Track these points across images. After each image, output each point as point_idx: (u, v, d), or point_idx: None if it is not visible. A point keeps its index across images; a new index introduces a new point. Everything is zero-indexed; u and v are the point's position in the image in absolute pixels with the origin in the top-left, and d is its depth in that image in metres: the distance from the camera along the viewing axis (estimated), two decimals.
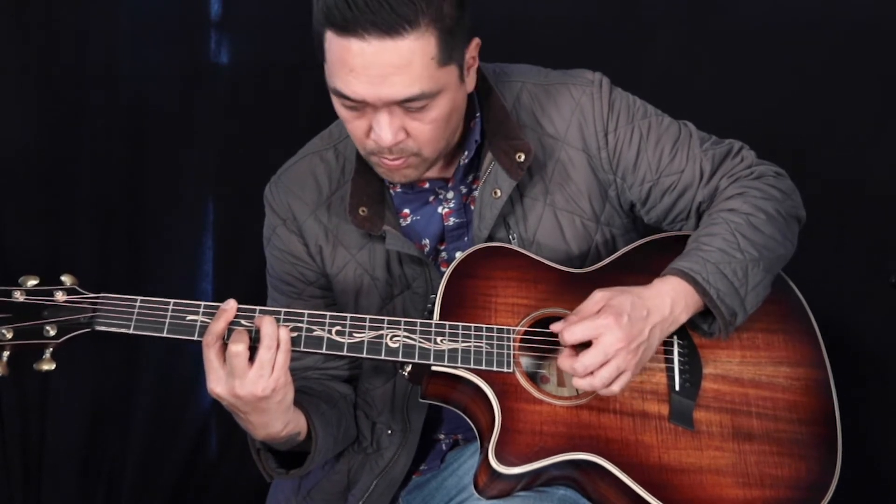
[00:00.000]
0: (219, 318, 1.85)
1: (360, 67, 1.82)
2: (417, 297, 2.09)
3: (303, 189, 2.14)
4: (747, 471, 1.94)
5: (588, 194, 2.11)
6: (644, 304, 1.89)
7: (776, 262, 2.04)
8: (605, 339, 1.85)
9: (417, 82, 1.84)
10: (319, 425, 2.03)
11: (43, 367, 1.80)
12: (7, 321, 1.77)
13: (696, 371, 1.99)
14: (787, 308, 2.08)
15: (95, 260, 3.23)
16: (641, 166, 2.10)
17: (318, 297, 2.17)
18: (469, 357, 1.90)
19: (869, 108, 3.07)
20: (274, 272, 2.20)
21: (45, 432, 3.23)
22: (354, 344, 1.89)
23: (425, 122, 1.91)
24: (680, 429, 1.94)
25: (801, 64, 3.09)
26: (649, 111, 2.13)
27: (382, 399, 2.15)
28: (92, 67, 3.18)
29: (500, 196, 2.04)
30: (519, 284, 2.00)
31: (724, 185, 2.09)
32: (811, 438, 1.99)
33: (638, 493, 1.87)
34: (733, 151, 2.13)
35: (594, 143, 2.10)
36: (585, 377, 1.86)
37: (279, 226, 2.16)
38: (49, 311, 1.81)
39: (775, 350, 2.05)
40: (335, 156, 2.15)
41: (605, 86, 2.12)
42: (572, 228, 2.10)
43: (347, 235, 2.11)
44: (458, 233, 2.11)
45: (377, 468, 2.13)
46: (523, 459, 1.86)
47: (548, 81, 2.14)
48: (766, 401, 2.00)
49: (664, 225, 2.17)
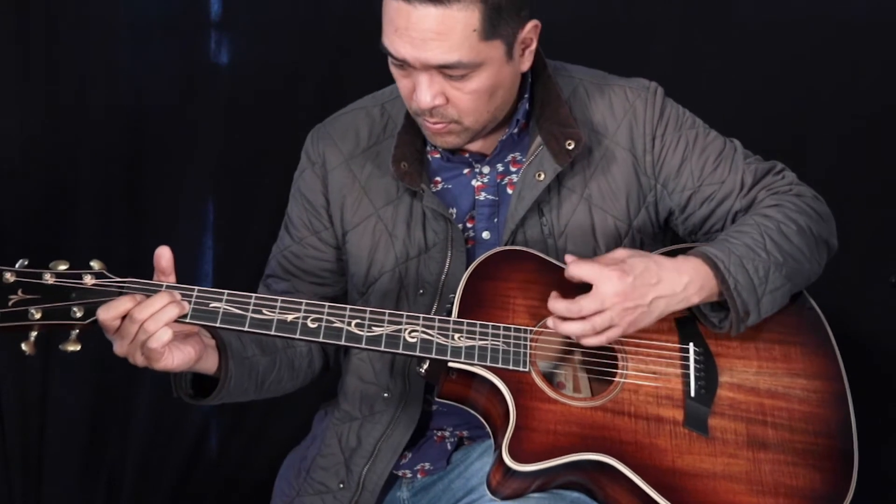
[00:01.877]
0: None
1: (404, 29, 1.89)
2: (434, 263, 2.11)
3: (343, 139, 2.20)
4: (761, 479, 1.93)
5: (626, 195, 2.13)
6: (658, 272, 1.93)
7: (798, 275, 2.06)
8: (603, 288, 1.89)
9: (456, 51, 1.90)
10: (237, 366, 2.01)
11: (69, 348, 1.82)
12: (36, 301, 1.80)
13: (712, 378, 2.00)
14: (805, 320, 2.10)
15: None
16: (684, 174, 2.14)
17: (318, 248, 2.20)
18: (486, 355, 1.92)
19: (870, 107, 3.07)
20: (290, 211, 2.25)
21: (45, 432, 3.23)
22: (373, 337, 1.91)
23: (465, 92, 1.96)
24: (694, 434, 1.95)
25: (801, 62, 3.10)
26: (697, 123, 2.18)
27: (382, 358, 2.16)
28: (92, 67, 3.18)
29: (543, 179, 2.07)
30: (537, 288, 2.00)
31: (763, 198, 2.13)
32: (826, 450, 1.99)
33: (650, 496, 1.88)
34: (776, 169, 2.18)
35: (641, 145, 2.14)
36: (577, 321, 1.89)
37: (307, 169, 2.22)
38: (77, 293, 1.83)
39: (792, 362, 2.05)
40: (380, 113, 2.21)
41: (660, 94, 2.17)
42: (604, 226, 2.13)
43: (376, 190, 2.16)
44: (489, 211, 2.13)
45: (376, 432, 2.14)
46: (537, 457, 1.86)
47: (605, 82, 2.19)
48: (782, 411, 2.00)
49: (699, 235, 2.19)
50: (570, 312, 1.90)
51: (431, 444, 2.18)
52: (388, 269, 2.14)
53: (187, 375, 2.03)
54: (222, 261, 3.33)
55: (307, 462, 2.22)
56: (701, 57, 3.14)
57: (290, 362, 2.17)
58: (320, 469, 2.18)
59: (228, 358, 2.00)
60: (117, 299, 1.83)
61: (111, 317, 1.82)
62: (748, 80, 3.12)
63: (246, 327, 1.88)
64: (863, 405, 2.07)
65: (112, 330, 1.84)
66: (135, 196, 3.26)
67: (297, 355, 2.19)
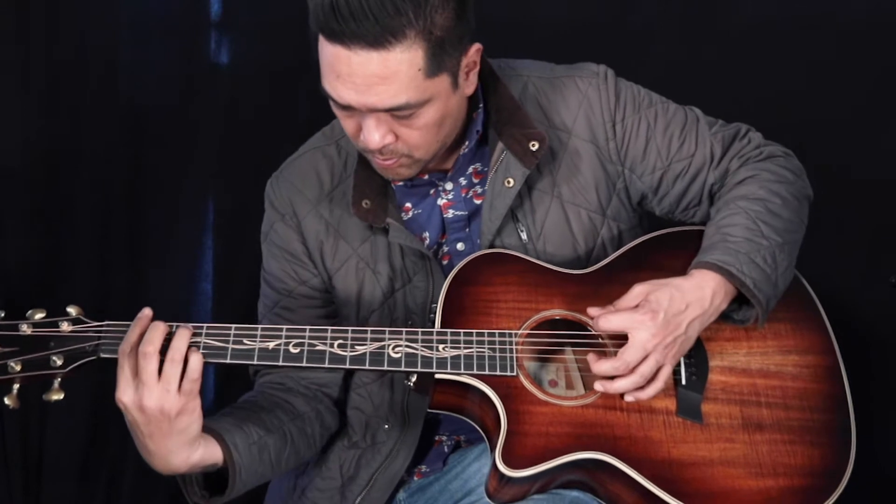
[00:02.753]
0: (134, 327, 1.83)
1: (346, 75, 1.83)
2: (418, 291, 2.08)
3: (305, 184, 2.14)
4: (759, 461, 1.92)
5: (595, 186, 2.11)
6: (683, 297, 1.90)
7: (796, 245, 2.04)
8: (639, 336, 1.86)
9: (403, 93, 1.84)
10: (245, 453, 1.95)
11: (52, 398, 1.82)
12: (15, 354, 1.79)
13: (703, 364, 1.98)
14: (793, 296, 2.07)
15: (95, 260, 3.23)
16: (651, 155, 2.11)
17: (311, 297, 2.16)
18: (472, 363, 1.90)
19: (871, 105, 3.07)
20: (269, 268, 2.19)
21: (45, 432, 3.23)
22: (357, 357, 1.89)
23: (414, 128, 1.91)
24: (688, 423, 1.93)
25: (801, 60, 3.09)
26: (654, 99, 2.14)
27: (380, 393, 2.14)
28: (92, 67, 3.18)
29: (514, 185, 2.03)
30: (519, 289, 1.99)
31: (735, 167, 2.10)
32: (823, 425, 1.97)
33: (649, 489, 1.86)
34: (741, 133, 2.15)
35: (602, 133, 2.10)
36: (628, 376, 1.87)
37: (277, 221, 2.16)
38: (55, 341, 1.82)
39: (782, 339, 2.04)
40: (337, 151, 2.15)
41: (611, 77, 2.13)
42: (579, 222, 2.10)
43: (349, 230, 2.11)
44: (460, 226, 2.10)
45: (375, 462, 2.12)
46: (531, 461, 1.84)
47: (553, 75, 2.14)
48: (776, 390, 1.99)
49: (676, 213, 2.17)
50: (617, 371, 1.87)
51: (429, 447, 2.17)
52: (377, 307, 2.11)
53: (198, 477, 1.96)
54: (222, 261, 3.33)
55: (304, 480, 2.20)
56: (701, 57, 3.14)
57: (301, 432, 2.10)
58: (317, 490, 2.16)
59: (231, 449, 1.93)
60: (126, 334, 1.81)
61: (130, 346, 1.80)
62: (748, 79, 3.12)
63: (228, 359, 1.86)
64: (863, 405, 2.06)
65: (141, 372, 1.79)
66: (135, 196, 3.26)
67: (306, 423, 2.11)
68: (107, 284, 3.23)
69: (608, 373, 1.88)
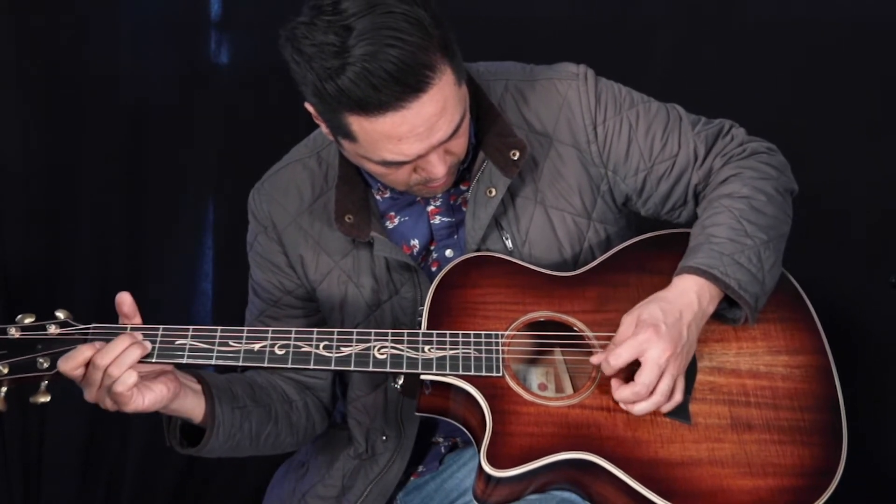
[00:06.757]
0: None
1: (408, 132, 1.82)
2: (406, 302, 2.08)
3: (285, 197, 2.14)
4: (749, 461, 1.90)
5: (578, 190, 2.09)
6: (673, 307, 1.89)
7: (781, 241, 2.03)
8: (651, 354, 1.85)
9: (456, 113, 1.87)
10: (227, 414, 1.98)
11: (39, 400, 1.83)
12: (2, 357, 1.81)
13: (691, 365, 1.96)
14: (784, 296, 2.06)
15: (95, 260, 3.23)
16: (633, 156, 2.09)
17: (295, 306, 2.16)
18: (458, 364, 1.89)
19: (871, 107, 3.07)
20: (255, 277, 2.20)
21: (45, 432, 3.23)
22: (342, 358, 1.89)
23: (459, 136, 1.92)
24: (676, 423, 1.92)
25: (802, 62, 3.09)
26: (636, 99, 2.12)
27: (374, 406, 2.14)
28: (92, 67, 3.18)
29: (495, 195, 2.02)
30: (506, 291, 1.99)
31: (718, 166, 2.08)
32: (814, 425, 1.96)
33: (636, 490, 1.85)
34: (724, 130, 2.13)
35: (583, 136, 2.09)
36: (650, 398, 1.86)
37: (260, 233, 2.16)
38: (42, 344, 1.84)
39: (772, 339, 2.03)
40: (318, 163, 2.14)
41: (591, 77, 2.10)
42: (564, 227, 2.09)
43: (330, 243, 2.11)
44: (447, 232, 2.10)
45: (371, 474, 2.12)
46: (516, 461, 1.83)
47: (532, 77, 2.12)
48: (765, 390, 1.97)
49: (662, 214, 2.16)
50: (638, 396, 1.87)
51: (426, 449, 2.17)
52: (362, 319, 2.11)
53: (177, 422, 2.00)
54: (222, 261, 3.33)
55: (305, 485, 2.20)
56: (701, 56, 3.14)
57: (286, 416, 2.12)
58: (317, 497, 2.17)
59: (215, 403, 1.96)
60: (77, 348, 1.82)
61: (71, 367, 1.81)
62: (748, 79, 3.12)
63: (213, 360, 1.87)
64: (862, 405, 2.06)
65: (77, 379, 1.83)
66: (135, 196, 3.26)
67: (293, 410, 2.14)
68: (106, 285, 3.22)
69: (629, 399, 1.87)
